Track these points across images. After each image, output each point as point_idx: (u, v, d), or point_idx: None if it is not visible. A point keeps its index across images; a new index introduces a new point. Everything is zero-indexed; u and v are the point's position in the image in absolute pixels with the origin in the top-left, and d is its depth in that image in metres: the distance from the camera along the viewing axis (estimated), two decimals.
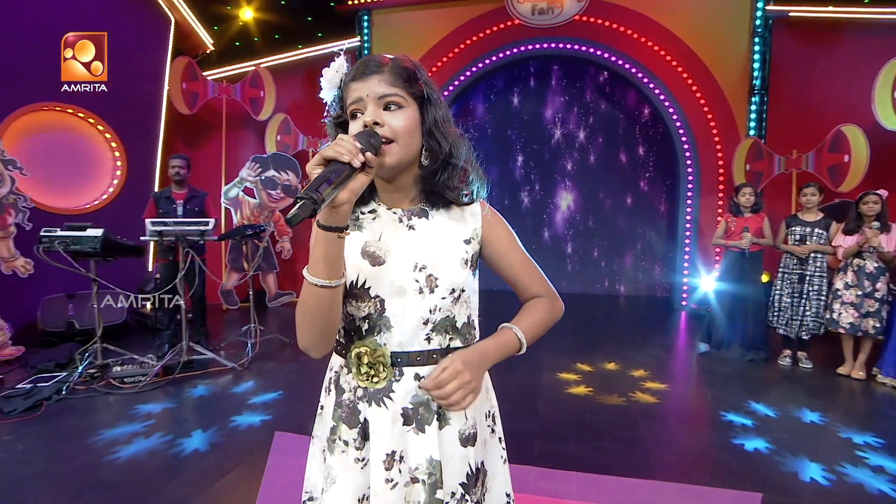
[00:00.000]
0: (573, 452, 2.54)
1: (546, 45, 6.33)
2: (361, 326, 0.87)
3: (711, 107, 5.88)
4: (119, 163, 5.43)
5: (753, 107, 5.72)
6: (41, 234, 3.55)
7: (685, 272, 6.09)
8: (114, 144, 5.38)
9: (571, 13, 6.15)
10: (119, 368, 3.48)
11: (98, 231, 3.55)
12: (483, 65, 6.52)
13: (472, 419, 0.91)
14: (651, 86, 6.01)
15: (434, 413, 0.87)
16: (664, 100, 5.99)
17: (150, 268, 5.58)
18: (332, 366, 0.95)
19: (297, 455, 0.98)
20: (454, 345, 0.89)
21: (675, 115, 5.98)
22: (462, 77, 6.58)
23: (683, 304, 6.14)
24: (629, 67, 6.05)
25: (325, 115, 0.91)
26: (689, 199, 6.03)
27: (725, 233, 4.23)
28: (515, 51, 6.42)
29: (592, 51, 6.16)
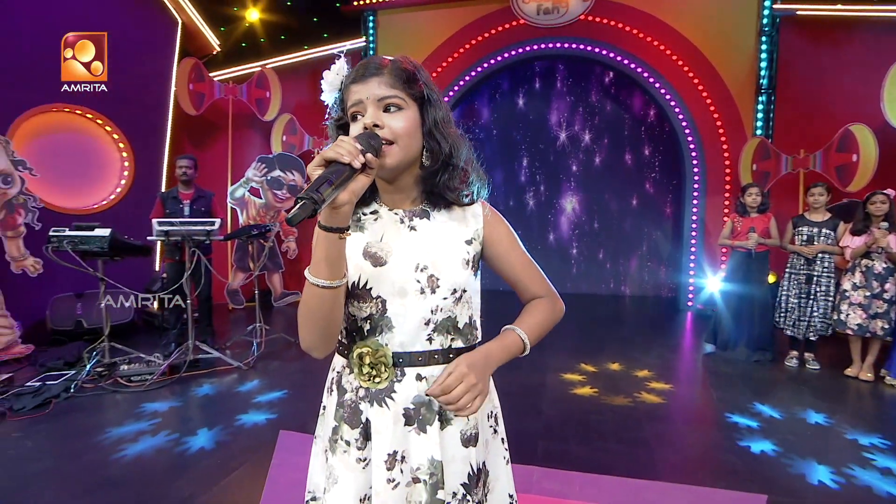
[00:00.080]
0: (577, 453, 2.54)
1: (551, 45, 6.32)
2: (363, 327, 0.87)
3: (718, 106, 5.85)
4: (127, 163, 5.48)
5: (760, 106, 5.68)
6: (50, 234, 3.58)
7: (691, 272, 6.06)
8: (121, 145, 5.43)
9: (577, 13, 6.13)
10: (126, 367, 3.51)
11: (106, 231, 3.59)
12: (488, 65, 6.52)
13: (474, 420, 0.91)
14: (657, 85, 5.99)
15: (435, 413, 0.87)
16: (670, 99, 5.96)
17: (157, 267, 5.63)
18: (335, 366, 0.96)
19: (302, 454, 0.99)
20: (456, 345, 0.89)
21: (681, 115, 5.94)
22: (467, 77, 6.58)
23: (689, 305, 6.11)
24: (635, 67, 6.03)
25: (327, 117, 0.92)
26: (695, 200, 6.00)
27: (731, 233, 4.20)
28: (520, 51, 6.41)
29: (598, 50, 6.14)
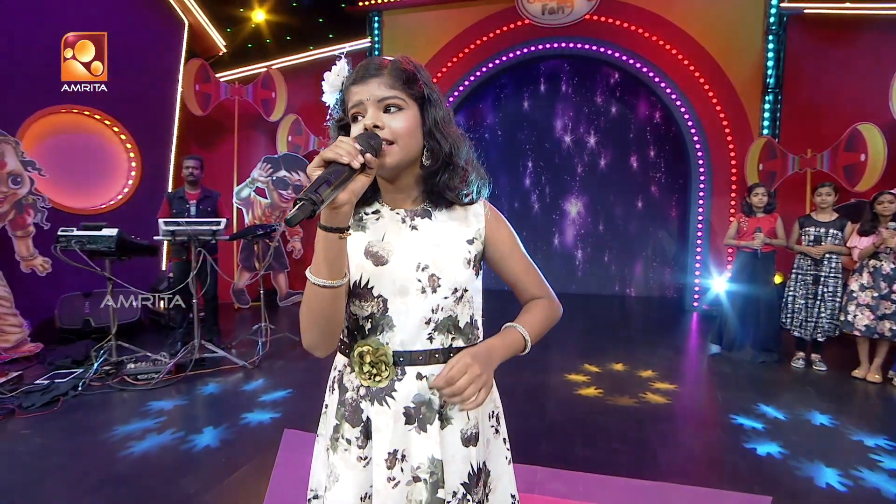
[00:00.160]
0: (581, 453, 2.54)
1: (556, 45, 6.31)
2: (364, 326, 0.88)
3: (724, 106, 5.81)
4: (134, 163, 5.53)
5: (767, 105, 5.64)
6: (58, 234, 3.62)
7: (697, 273, 6.03)
8: (129, 146, 5.48)
9: (582, 12, 6.12)
10: (133, 366, 3.54)
11: (113, 231, 3.62)
12: (493, 65, 6.51)
13: (475, 419, 0.91)
14: (662, 85, 5.96)
15: (436, 412, 0.87)
16: (675, 99, 5.93)
17: (164, 267, 5.67)
18: (336, 365, 0.96)
19: (306, 452, 0.99)
20: (456, 344, 0.90)
21: (687, 115, 5.91)
22: (472, 77, 6.58)
23: (695, 306, 6.08)
24: (640, 66, 6.00)
25: (328, 118, 0.93)
26: (701, 200, 5.97)
27: (737, 233, 4.18)
28: (526, 51, 6.40)
29: (603, 50, 6.12)
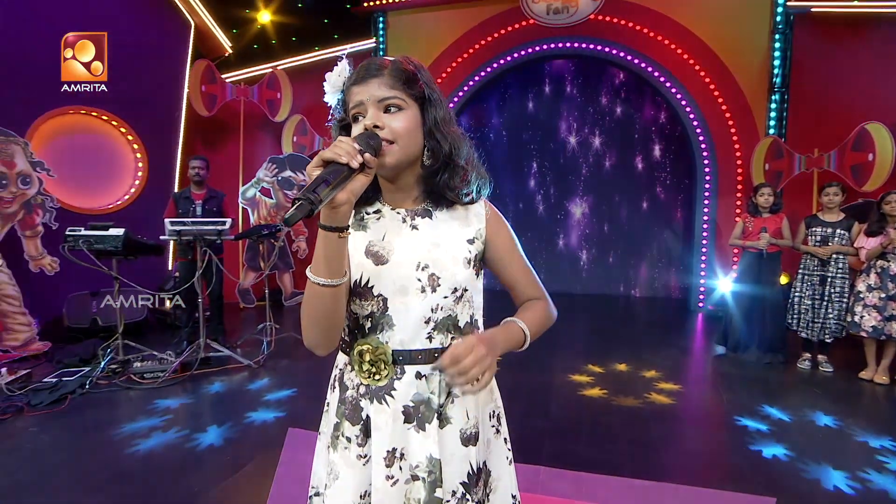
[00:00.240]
0: (585, 453, 2.53)
1: (561, 45, 6.29)
2: (364, 325, 0.88)
3: (730, 106, 5.78)
4: (140, 164, 5.57)
5: (773, 105, 5.60)
6: (66, 234, 3.66)
7: (702, 273, 6.00)
8: (135, 146, 5.52)
9: (587, 12, 6.10)
10: (139, 364, 3.57)
11: (119, 231, 3.66)
12: (498, 65, 6.51)
13: (474, 419, 0.91)
14: (668, 84, 5.93)
15: (435, 412, 0.88)
16: (681, 99, 5.90)
17: (170, 266, 5.71)
18: (338, 363, 0.97)
19: (310, 451, 1.00)
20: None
21: (693, 115, 5.88)
22: (477, 77, 6.58)
23: (700, 306, 6.05)
24: (645, 66, 5.98)
25: (330, 118, 0.93)
26: (707, 200, 5.93)
27: (742, 233, 4.16)
28: (530, 51, 6.39)
29: (608, 50, 6.10)
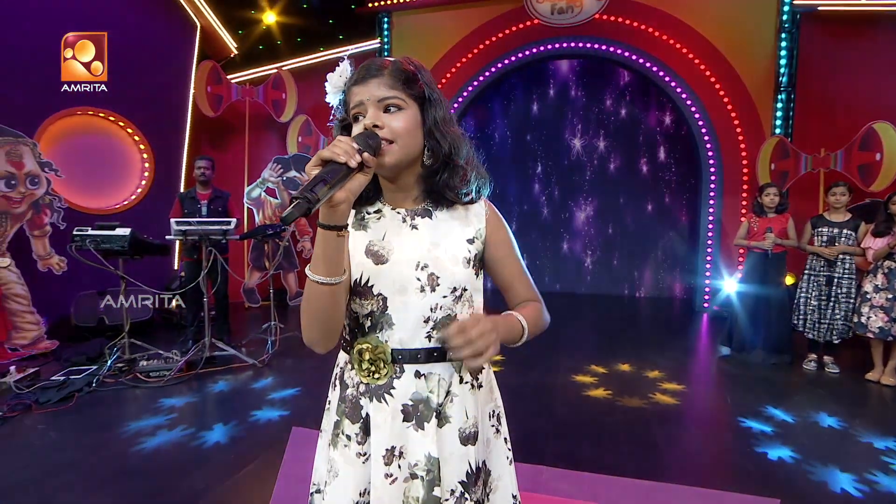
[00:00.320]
0: (588, 454, 2.53)
1: (566, 45, 6.28)
2: (364, 323, 0.89)
3: (735, 105, 5.74)
4: (147, 164, 5.62)
5: (780, 104, 5.56)
6: (73, 233, 3.69)
7: (707, 274, 5.97)
8: (142, 147, 5.57)
9: (591, 12, 6.09)
10: (145, 363, 3.60)
11: (126, 230, 3.69)
12: (502, 65, 6.51)
13: (474, 418, 0.91)
14: (673, 84, 5.91)
15: (433, 411, 0.88)
16: (686, 98, 5.87)
17: (176, 266, 5.75)
18: (339, 362, 0.98)
19: (314, 449, 1.01)
20: None
21: (698, 114, 5.86)
22: (481, 77, 6.58)
23: (705, 307, 6.02)
24: (650, 66, 5.96)
25: (331, 118, 0.94)
26: (712, 200, 5.91)
27: (748, 233, 4.13)
28: (535, 51, 6.39)
29: (613, 49, 6.08)
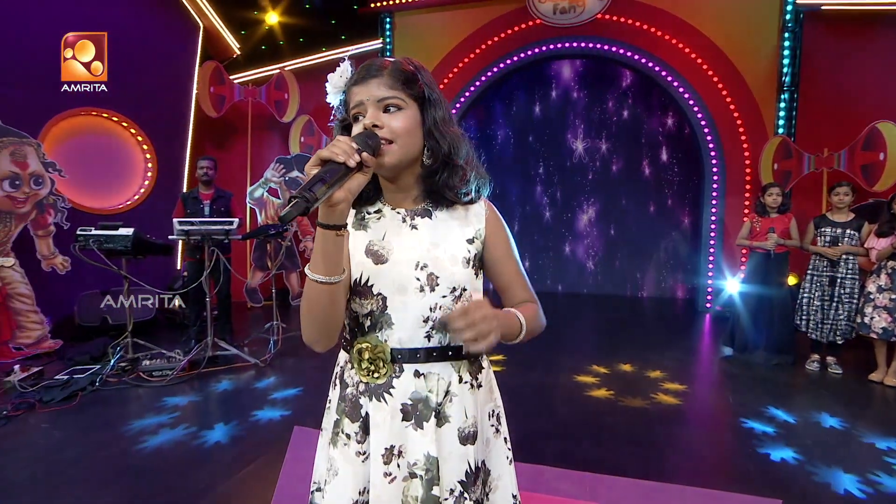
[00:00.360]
0: (590, 454, 2.53)
1: (568, 45, 6.27)
2: (364, 323, 0.90)
3: (738, 105, 5.73)
4: (150, 164, 5.64)
5: (783, 104, 5.54)
6: (77, 233, 3.71)
7: (709, 274, 5.95)
8: (145, 147, 5.59)
9: (593, 12, 6.08)
10: (148, 362, 3.62)
11: (129, 230, 3.70)
12: (504, 65, 6.50)
13: (473, 418, 0.92)
14: (675, 84, 5.89)
15: (432, 410, 0.88)
16: (689, 98, 5.86)
17: (179, 266, 5.77)
18: (339, 361, 0.98)
19: (315, 449, 1.02)
20: (455, 343, 0.90)
21: (700, 114, 5.84)
22: (483, 77, 6.58)
23: (707, 307, 6.01)
24: (653, 66, 5.95)
25: (332, 118, 0.94)
26: (714, 200, 5.89)
27: (750, 233, 4.12)
28: (537, 51, 6.38)
29: (615, 49, 6.07)
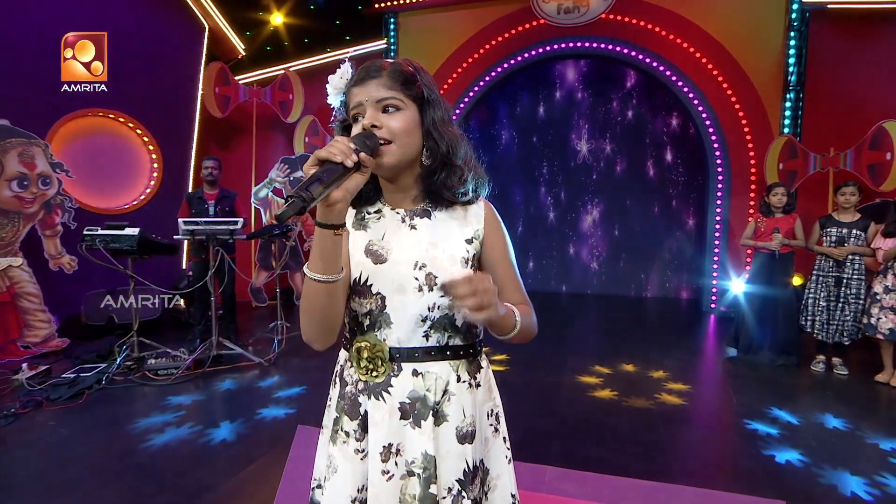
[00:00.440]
0: (593, 454, 2.53)
1: (572, 45, 6.26)
2: (363, 322, 0.90)
3: (743, 105, 5.70)
4: (156, 165, 5.68)
5: (788, 104, 5.50)
6: (84, 233, 3.74)
7: (714, 275, 5.93)
8: (151, 147, 5.63)
9: (598, 11, 6.07)
10: (154, 361, 3.65)
11: (134, 230, 3.73)
12: (508, 65, 6.50)
13: (471, 417, 0.92)
14: (680, 84, 5.87)
15: (430, 409, 0.89)
16: (693, 98, 5.84)
17: (184, 265, 5.81)
18: (339, 359, 0.99)
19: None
20: (453, 343, 0.91)
21: (705, 114, 5.82)
22: (487, 77, 6.58)
23: (712, 308, 5.98)
24: (657, 65, 5.93)
25: (332, 119, 0.95)
26: (719, 200, 5.86)
27: (754, 233, 4.10)
28: (541, 50, 6.37)
29: (619, 49, 6.05)
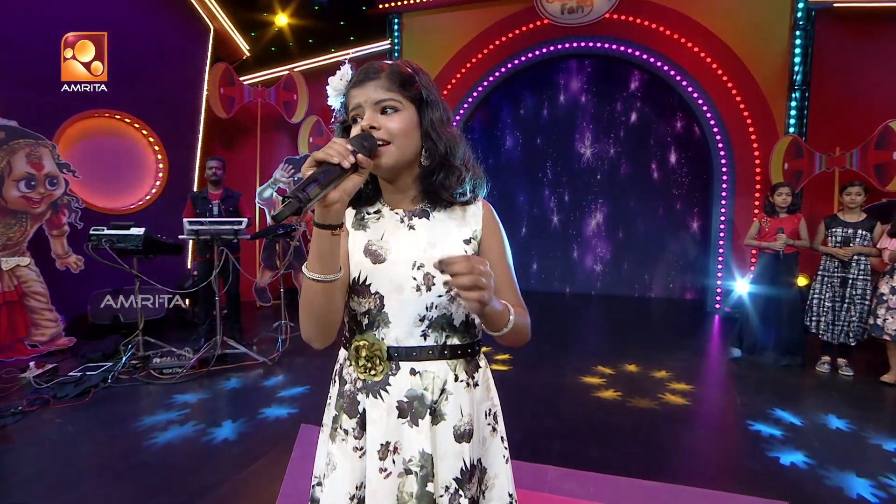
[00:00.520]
0: (595, 454, 2.53)
1: (576, 45, 6.26)
2: (362, 321, 0.91)
3: (748, 104, 5.67)
4: (161, 165, 5.72)
5: (793, 103, 5.48)
6: (90, 233, 3.78)
7: (719, 275, 5.91)
8: (157, 148, 5.67)
9: (601, 11, 6.06)
10: (158, 360, 3.67)
11: (140, 230, 3.77)
12: (512, 65, 6.51)
13: (469, 416, 0.93)
14: (685, 83, 5.85)
15: (427, 408, 0.90)
16: (698, 97, 5.82)
17: (189, 265, 5.85)
18: (339, 358, 1.00)
19: None
20: (451, 342, 0.92)
21: (710, 114, 5.80)
22: (491, 77, 6.59)
23: (717, 308, 5.96)
24: (661, 65, 5.91)
25: (332, 120, 0.96)
26: (724, 200, 5.84)
27: (758, 233, 4.09)
28: (545, 50, 6.38)
29: (623, 49, 6.05)
